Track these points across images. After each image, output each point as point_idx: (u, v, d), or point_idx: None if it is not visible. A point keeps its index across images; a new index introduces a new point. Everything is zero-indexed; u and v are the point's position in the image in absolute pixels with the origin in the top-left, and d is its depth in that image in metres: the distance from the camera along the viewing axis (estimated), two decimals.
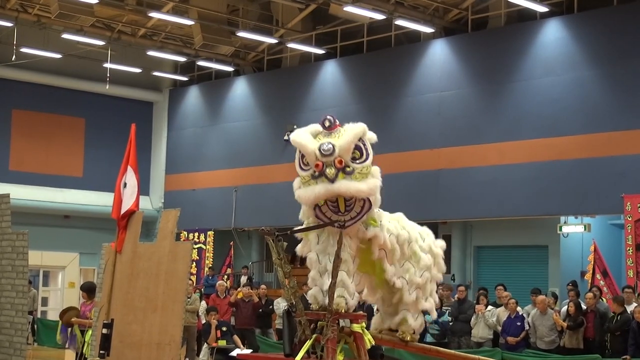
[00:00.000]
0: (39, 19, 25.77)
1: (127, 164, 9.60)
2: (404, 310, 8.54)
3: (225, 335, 16.91)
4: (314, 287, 8.05)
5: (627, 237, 19.20)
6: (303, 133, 8.02)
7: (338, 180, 7.75)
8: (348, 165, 7.80)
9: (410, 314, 8.53)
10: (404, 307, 8.54)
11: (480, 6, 23.45)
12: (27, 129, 28.69)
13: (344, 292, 7.80)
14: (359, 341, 8.02)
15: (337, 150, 7.74)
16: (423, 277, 8.57)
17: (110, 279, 9.42)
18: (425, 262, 8.60)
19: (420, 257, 8.57)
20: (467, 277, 24.02)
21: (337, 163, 7.74)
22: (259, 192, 26.87)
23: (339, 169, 7.75)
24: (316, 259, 8.05)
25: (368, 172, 7.87)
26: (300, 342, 7.83)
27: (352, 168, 7.81)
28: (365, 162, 7.88)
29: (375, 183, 7.84)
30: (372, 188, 7.81)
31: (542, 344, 16.07)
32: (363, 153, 7.90)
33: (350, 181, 7.75)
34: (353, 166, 7.81)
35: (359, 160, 7.85)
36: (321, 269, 7.99)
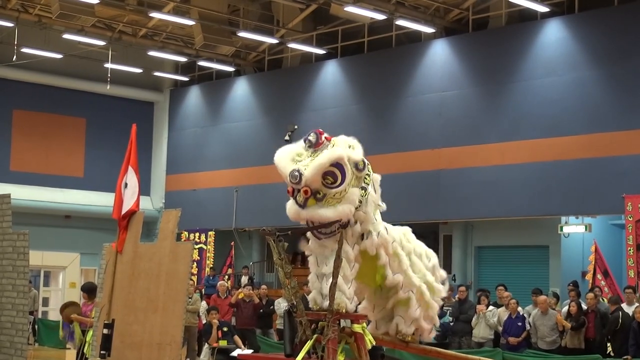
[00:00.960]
0: (39, 19, 25.78)
1: (128, 164, 9.60)
2: (398, 316, 8.51)
3: (226, 335, 16.91)
4: (313, 290, 8.05)
5: (628, 237, 19.20)
6: (283, 154, 7.97)
7: (307, 206, 7.71)
8: (319, 192, 7.71)
9: (402, 321, 8.51)
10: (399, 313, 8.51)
11: (481, 6, 23.45)
12: (27, 129, 28.70)
13: (342, 296, 7.79)
14: (360, 341, 8.01)
15: (303, 181, 7.65)
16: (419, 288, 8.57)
17: (111, 279, 9.42)
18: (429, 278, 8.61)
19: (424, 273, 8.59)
20: (468, 277, 24.02)
21: (303, 192, 7.69)
22: (260, 193, 26.86)
23: (306, 197, 7.71)
24: (314, 262, 8.05)
25: (342, 197, 7.73)
26: (301, 342, 7.82)
27: (323, 194, 7.70)
28: (339, 187, 7.71)
29: (346, 209, 7.68)
30: (341, 214, 7.67)
31: (544, 344, 16.06)
32: (337, 178, 7.70)
33: (318, 208, 7.69)
34: (325, 191, 7.70)
35: (332, 185, 7.70)
36: (318, 272, 7.98)
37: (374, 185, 8.10)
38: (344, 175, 7.74)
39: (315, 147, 7.88)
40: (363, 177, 7.95)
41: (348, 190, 7.75)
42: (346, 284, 7.84)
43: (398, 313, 8.48)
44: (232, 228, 26.77)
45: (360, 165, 7.89)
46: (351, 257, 7.88)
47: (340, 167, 7.75)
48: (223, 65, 29.05)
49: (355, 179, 7.87)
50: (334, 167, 7.74)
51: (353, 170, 7.83)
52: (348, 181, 7.76)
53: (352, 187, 7.80)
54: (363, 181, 7.96)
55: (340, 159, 7.72)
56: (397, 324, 8.47)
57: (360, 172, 7.91)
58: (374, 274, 8.33)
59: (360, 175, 7.91)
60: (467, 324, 17.19)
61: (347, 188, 7.76)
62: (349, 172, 7.76)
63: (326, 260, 7.89)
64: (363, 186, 7.93)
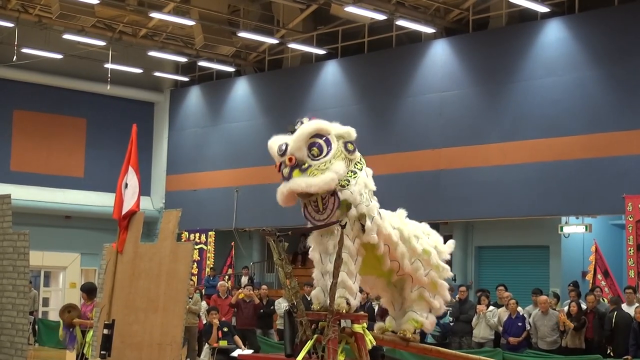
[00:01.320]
0: (40, 19, 25.77)
1: (128, 164, 9.60)
2: (410, 311, 8.54)
3: (226, 335, 16.91)
4: (317, 286, 8.07)
5: (628, 237, 19.19)
6: (277, 137, 8.15)
7: (293, 177, 7.83)
8: (303, 162, 7.81)
9: (417, 314, 8.53)
10: (410, 307, 8.54)
11: (481, 6, 23.45)
12: (28, 129, 28.70)
13: (345, 292, 7.80)
14: (360, 342, 8.01)
15: (288, 150, 7.83)
16: (429, 276, 8.58)
17: (112, 279, 9.42)
18: (434, 259, 8.62)
19: (430, 253, 8.59)
20: (468, 277, 24.01)
21: (288, 161, 7.85)
22: (260, 193, 26.83)
23: (291, 167, 7.83)
24: (319, 259, 8.07)
25: (326, 167, 7.82)
26: (302, 342, 7.83)
27: (308, 165, 7.82)
28: (324, 159, 7.84)
29: (329, 177, 7.76)
30: (325, 181, 7.75)
31: (544, 344, 16.07)
32: (323, 150, 7.86)
33: (305, 177, 7.79)
34: (310, 163, 7.82)
35: (317, 157, 7.83)
36: (322, 269, 8.00)
37: (367, 173, 8.13)
38: (329, 147, 7.90)
39: (348, 153, 8.08)
40: (354, 161, 8.06)
41: (333, 162, 7.84)
42: (351, 279, 7.86)
43: (412, 308, 8.52)
44: (233, 228, 26.75)
45: (350, 147, 8.03)
46: (353, 252, 7.89)
47: (326, 139, 7.92)
48: (223, 66, 29.05)
49: (343, 158, 7.97)
50: (320, 139, 7.89)
51: (342, 149, 7.96)
52: (333, 153, 7.89)
53: (340, 161, 7.90)
54: (354, 165, 8.03)
55: (325, 129, 7.91)
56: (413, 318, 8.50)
57: (351, 155, 8.02)
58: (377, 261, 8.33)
59: (350, 157, 8.03)
60: (468, 324, 17.20)
61: (332, 160, 7.85)
62: (334, 145, 7.92)
63: (329, 257, 7.91)
64: (353, 170, 7.99)
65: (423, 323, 8.55)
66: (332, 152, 7.88)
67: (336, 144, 7.93)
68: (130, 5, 25.49)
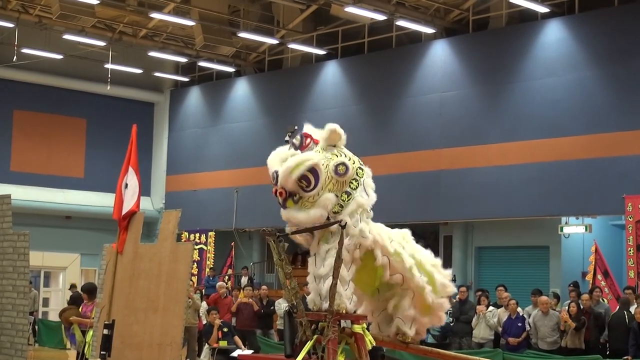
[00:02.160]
0: (40, 19, 25.77)
1: (128, 164, 9.60)
2: (397, 318, 8.49)
3: (226, 335, 16.92)
4: (312, 291, 8.06)
5: (628, 237, 19.20)
6: (275, 156, 8.16)
7: (287, 207, 7.95)
8: (294, 194, 7.86)
9: (403, 323, 8.49)
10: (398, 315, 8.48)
11: (481, 7, 23.44)
12: (28, 129, 28.71)
13: (340, 297, 7.79)
14: (360, 342, 8.01)
15: (278, 182, 7.90)
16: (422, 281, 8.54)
17: (112, 279, 9.42)
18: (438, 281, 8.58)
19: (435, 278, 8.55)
20: (468, 277, 24.01)
21: (279, 194, 7.92)
22: (260, 193, 26.80)
23: (284, 198, 7.89)
24: (313, 262, 8.07)
25: (314, 201, 7.84)
26: (301, 342, 7.82)
27: (299, 196, 7.87)
28: (311, 192, 7.83)
29: (317, 213, 7.81)
30: (314, 218, 7.83)
31: (544, 344, 16.07)
32: (311, 182, 7.83)
33: (296, 210, 7.89)
34: (301, 194, 7.85)
35: (307, 188, 7.84)
36: (315, 273, 7.99)
37: (365, 190, 8.10)
38: (317, 179, 7.85)
39: (301, 149, 8.03)
40: (347, 181, 7.99)
41: (321, 195, 7.84)
42: (343, 285, 7.84)
43: (397, 315, 8.47)
44: (233, 228, 26.76)
45: (340, 170, 7.94)
46: (347, 260, 7.87)
47: (314, 171, 7.86)
48: (223, 66, 29.06)
49: (334, 184, 7.92)
50: (308, 172, 7.84)
51: (332, 174, 7.89)
52: (321, 186, 7.85)
53: (327, 191, 7.87)
54: (348, 185, 7.99)
55: (310, 165, 7.83)
56: (398, 325, 8.46)
57: (341, 177, 7.95)
58: (371, 279, 8.33)
59: (341, 179, 7.95)
60: (468, 325, 17.20)
61: (320, 193, 7.85)
62: (322, 177, 7.85)
63: (323, 262, 7.90)
64: (347, 191, 7.96)
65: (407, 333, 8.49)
66: (320, 184, 7.86)
67: (324, 173, 7.87)
68: (130, 6, 25.49)
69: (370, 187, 8.17)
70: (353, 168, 8.04)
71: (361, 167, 8.16)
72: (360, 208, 7.98)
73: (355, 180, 8.06)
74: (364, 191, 8.08)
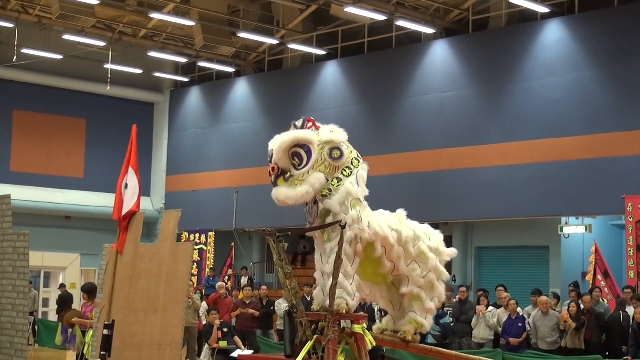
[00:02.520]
0: (40, 20, 25.77)
1: (128, 165, 9.60)
2: (411, 312, 8.53)
3: (226, 336, 16.91)
4: (318, 286, 8.09)
5: (628, 238, 19.19)
6: (276, 139, 8.17)
7: (278, 185, 7.97)
8: (287, 171, 7.92)
9: (417, 315, 8.52)
10: (410, 308, 8.53)
11: (481, 7, 23.45)
12: (28, 129, 28.70)
13: (343, 293, 7.80)
14: (360, 342, 8.01)
15: (272, 158, 7.94)
16: (427, 278, 8.56)
17: (112, 280, 9.42)
18: (432, 262, 8.59)
19: (428, 257, 8.56)
20: (468, 278, 24.01)
21: (271, 170, 7.96)
22: (260, 193, 26.76)
23: (276, 175, 7.93)
24: (319, 259, 8.09)
25: (304, 179, 7.88)
26: (302, 343, 7.83)
27: (290, 174, 7.94)
28: (302, 170, 7.91)
29: (303, 190, 7.84)
30: (300, 194, 7.86)
31: (544, 344, 16.06)
32: (303, 160, 7.94)
33: (285, 188, 7.92)
34: (293, 172, 7.93)
35: (298, 167, 7.93)
36: (322, 269, 8.02)
37: (358, 180, 8.09)
38: (309, 157, 7.93)
39: (333, 160, 8.06)
40: (340, 167, 8.03)
41: (310, 174, 7.88)
42: (347, 280, 7.86)
43: (411, 309, 8.50)
44: (233, 229, 26.76)
45: (335, 154, 8.00)
46: (350, 254, 7.88)
47: (307, 149, 7.96)
48: (223, 66, 29.06)
49: (327, 166, 7.98)
50: (301, 149, 7.96)
51: (326, 157, 7.96)
52: (312, 164, 7.93)
53: (318, 171, 7.93)
54: (341, 172, 8.01)
55: (304, 139, 7.95)
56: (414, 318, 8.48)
57: (336, 162, 8.00)
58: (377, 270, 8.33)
59: (335, 164, 8.00)
60: (468, 325, 17.19)
61: (310, 171, 7.90)
62: (314, 156, 7.94)
63: (327, 259, 7.93)
64: (339, 177, 7.98)
65: (423, 324, 8.54)
66: (311, 163, 7.93)
67: (317, 153, 7.94)
68: (130, 6, 25.49)
69: (363, 180, 8.13)
70: (349, 156, 8.07)
71: (358, 159, 8.16)
72: (350, 196, 7.97)
73: (349, 168, 8.09)
74: (356, 182, 8.06)
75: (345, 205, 7.92)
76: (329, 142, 8.02)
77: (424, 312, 8.56)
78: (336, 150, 8.01)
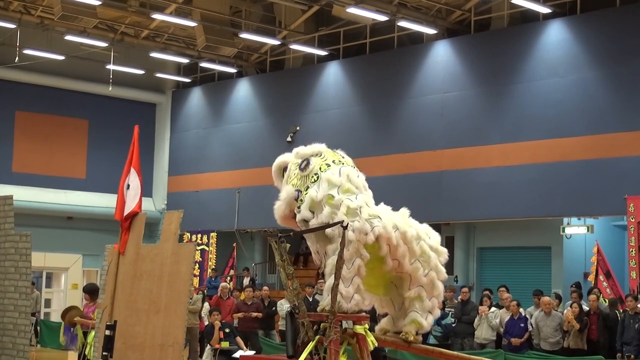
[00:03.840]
0: (42, 20, 25.80)
1: (130, 165, 9.60)
2: (412, 312, 8.52)
3: (228, 336, 16.92)
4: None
5: (630, 238, 19.19)
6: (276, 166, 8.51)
7: None
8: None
9: (418, 315, 8.51)
10: (411, 307, 8.52)
11: (483, 7, 23.44)
12: (30, 130, 28.73)
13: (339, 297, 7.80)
14: (362, 343, 8.01)
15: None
16: (428, 277, 8.56)
17: (113, 280, 9.42)
18: (433, 261, 8.59)
19: (429, 255, 8.56)
20: (470, 278, 24.01)
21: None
22: (262, 194, 26.77)
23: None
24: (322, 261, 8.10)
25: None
26: (303, 343, 7.82)
27: None
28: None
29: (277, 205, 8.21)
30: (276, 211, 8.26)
31: (546, 345, 16.06)
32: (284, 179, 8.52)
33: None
34: None
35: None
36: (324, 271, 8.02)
37: (321, 183, 8.01)
38: (288, 175, 8.28)
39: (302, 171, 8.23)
40: (309, 175, 8.11)
41: (283, 189, 8.19)
42: (344, 283, 7.84)
43: (412, 308, 8.50)
44: (234, 229, 26.78)
45: (302, 165, 8.16)
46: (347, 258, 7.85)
47: (286, 168, 8.32)
48: (225, 67, 29.06)
49: (298, 179, 8.15)
50: (285, 171, 8.34)
51: (297, 171, 8.19)
52: (285, 180, 8.25)
53: (290, 185, 8.15)
54: (310, 180, 8.10)
55: (283, 162, 8.38)
56: (414, 318, 8.48)
57: (303, 172, 8.13)
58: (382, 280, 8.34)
59: (304, 174, 8.14)
60: (470, 325, 17.20)
61: (283, 187, 8.23)
62: (287, 172, 8.27)
63: (326, 260, 7.94)
64: (308, 185, 8.07)
65: (423, 324, 8.54)
66: (284, 179, 8.26)
67: (291, 169, 8.21)
68: (132, 7, 25.51)
69: (329, 181, 8.01)
70: (317, 163, 8.09)
71: (329, 164, 8.14)
72: (313, 202, 7.98)
73: (316, 174, 8.09)
74: (319, 186, 8.02)
75: (318, 212, 7.94)
76: (302, 156, 8.15)
77: (425, 312, 8.55)
78: (304, 161, 8.14)
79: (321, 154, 8.22)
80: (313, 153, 8.23)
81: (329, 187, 7.98)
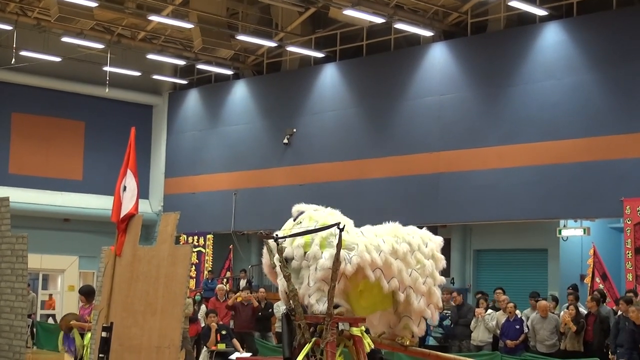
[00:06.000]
0: (38, 22, 25.79)
1: (127, 167, 9.59)
2: (405, 316, 8.52)
3: (224, 338, 16.92)
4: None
5: (627, 240, 19.20)
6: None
7: None
8: None
9: (411, 321, 8.52)
10: (406, 314, 8.53)
11: (479, 10, 23.46)
12: (26, 132, 28.70)
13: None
14: (359, 345, 8.02)
15: None
16: (427, 284, 8.58)
17: (110, 282, 9.41)
18: (428, 269, 8.60)
19: (424, 264, 8.58)
20: (467, 280, 24.01)
21: None
22: (259, 196, 26.87)
23: None
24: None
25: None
26: (300, 345, 7.83)
27: None
28: None
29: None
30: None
31: (543, 347, 16.08)
32: None
33: None
34: None
35: None
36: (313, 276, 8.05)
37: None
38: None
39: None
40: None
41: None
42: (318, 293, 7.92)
43: (404, 313, 8.50)
44: (231, 231, 26.76)
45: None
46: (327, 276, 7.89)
47: None
48: (222, 69, 29.05)
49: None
50: None
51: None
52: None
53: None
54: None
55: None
56: (407, 324, 8.48)
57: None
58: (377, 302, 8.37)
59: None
60: (466, 328, 17.22)
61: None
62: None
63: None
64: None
65: (414, 331, 8.54)
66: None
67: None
68: (129, 8, 25.50)
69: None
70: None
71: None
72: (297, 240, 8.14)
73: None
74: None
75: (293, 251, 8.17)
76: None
77: (417, 318, 8.55)
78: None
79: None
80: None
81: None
